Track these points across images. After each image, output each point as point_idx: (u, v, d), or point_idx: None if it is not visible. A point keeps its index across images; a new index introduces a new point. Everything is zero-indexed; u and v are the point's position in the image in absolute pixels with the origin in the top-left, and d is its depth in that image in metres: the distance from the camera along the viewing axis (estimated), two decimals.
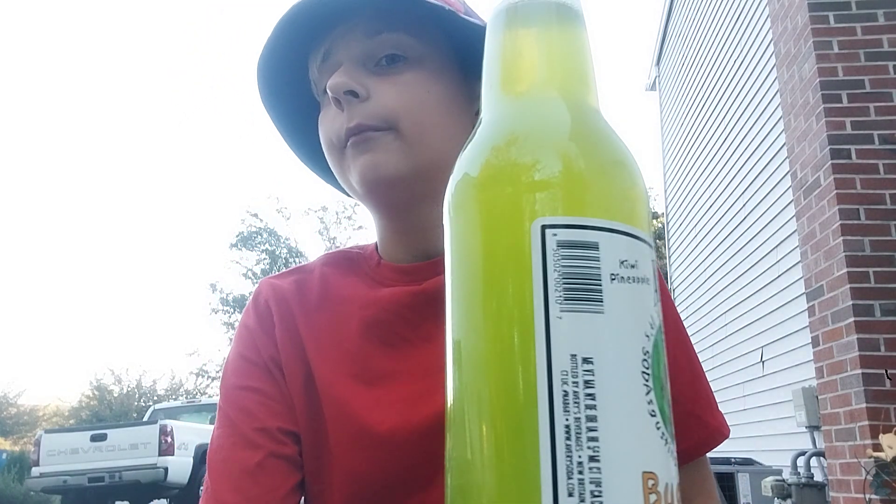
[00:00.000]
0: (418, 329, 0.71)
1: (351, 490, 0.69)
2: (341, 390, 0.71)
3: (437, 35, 0.71)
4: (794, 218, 4.08)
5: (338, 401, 0.70)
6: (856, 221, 3.42)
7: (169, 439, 9.01)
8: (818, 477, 4.14)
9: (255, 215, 23.40)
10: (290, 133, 0.80)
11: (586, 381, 0.29)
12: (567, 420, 0.29)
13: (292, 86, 0.76)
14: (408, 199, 0.70)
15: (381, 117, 0.67)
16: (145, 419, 11.63)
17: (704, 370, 0.75)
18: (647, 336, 0.31)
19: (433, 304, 0.69)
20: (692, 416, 0.71)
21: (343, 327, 0.73)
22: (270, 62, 0.73)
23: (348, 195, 0.77)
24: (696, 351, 0.75)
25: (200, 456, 9.31)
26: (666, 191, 9.92)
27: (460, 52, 0.72)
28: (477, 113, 0.71)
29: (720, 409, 0.75)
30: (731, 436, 0.75)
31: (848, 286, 3.35)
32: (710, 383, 0.75)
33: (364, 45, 0.69)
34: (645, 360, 0.31)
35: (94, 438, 9.09)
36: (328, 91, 0.67)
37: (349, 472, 0.69)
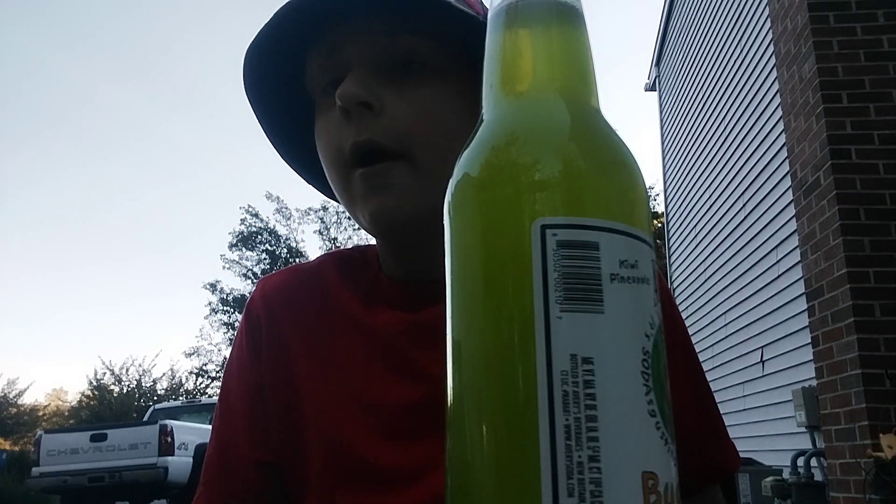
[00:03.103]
0: (415, 361, 0.66)
1: None
2: (337, 420, 0.66)
3: (459, 44, 0.63)
4: (794, 218, 4.08)
5: (332, 431, 0.66)
6: (856, 221, 3.42)
7: (169, 439, 9.02)
8: (818, 477, 4.14)
9: (256, 215, 23.43)
10: (275, 131, 0.73)
11: (586, 382, 0.29)
12: (567, 420, 0.29)
13: (283, 78, 0.69)
14: (423, 236, 0.63)
15: (394, 136, 0.60)
16: (145, 419, 11.64)
17: (712, 390, 0.73)
18: (647, 336, 0.31)
19: (429, 335, 0.64)
20: (700, 452, 0.68)
21: (341, 348, 0.68)
22: (263, 50, 0.65)
23: (338, 201, 0.70)
24: (697, 351, 0.73)
25: (200, 456, 9.28)
26: (666, 191, 9.92)
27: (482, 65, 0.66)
28: None
29: (724, 415, 0.73)
30: (731, 436, 0.75)
31: (848, 286, 3.35)
32: (711, 383, 0.74)
33: (379, 45, 0.62)
34: (645, 360, 0.31)
35: (94, 438, 9.11)
36: (337, 100, 0.60)
37: None
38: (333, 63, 0.64)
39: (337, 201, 0.71)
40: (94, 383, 23.95)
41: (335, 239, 22.82)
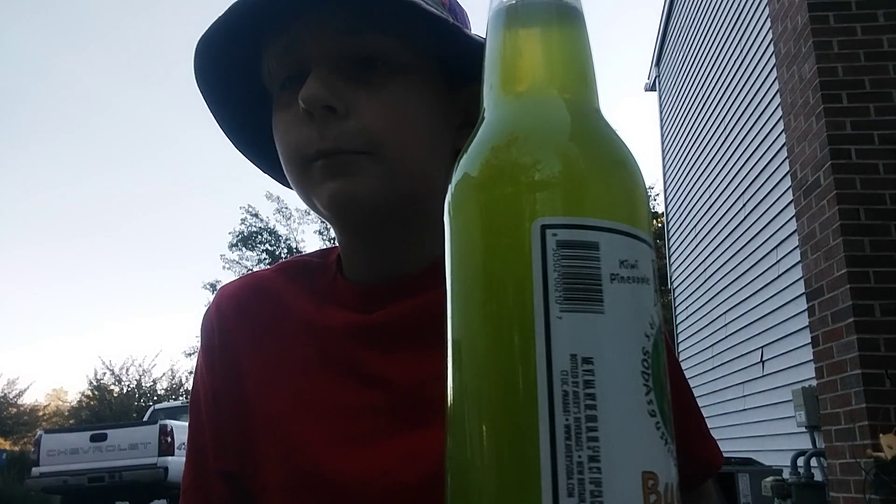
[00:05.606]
0: (368, 364, 0.65)
1: None
2: (291, 426, 0.65)
3: (423, 40, 0.63)
4: (794, 218, 4.08)
5: (286, 438, 0.65)
6: (856, 221, 3.42)
7: (169, 439, 9.03)
8: (818, 477, 4.14)
9: (256, 215, 23.43)
10: (227, 118, 0.71)
11: (586, 382, 0.29)
12: (567, 420, 0.29)
13: (237, 66, 0.67)
14: (380, 225, 0.64)
15: (361, 138, 0.59)
16: (145, 419, 11.65)
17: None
18: (647, 336, 0.31)
19: (382, 338, 0.65)
20: (682, 450, 0.69)
21: (293, 353, 0.68)
22: (217, 39, 0.63)
23: (289, 187, 0.69)
24: (697, 352, 0.74)
25: None
26: (666, 191, 9.92)
27: (444, 61, 0.64)
28: (459, 127, 0.66)
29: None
30: (731, 436, 0.75)
31: (848, 286, 3.35)
32: (711, 383, 0.74)
33: (341, 43, 0.60)
34: (645, 360, 0.31)
35: (94, 438, 9.12)
36: (301, 102, 0.59)
37: None
38: (292, 59, 0.62)
39: (285, 185, 0.70)
40: (94, 383, 23.96)
41: (335, 239, 22.76)
